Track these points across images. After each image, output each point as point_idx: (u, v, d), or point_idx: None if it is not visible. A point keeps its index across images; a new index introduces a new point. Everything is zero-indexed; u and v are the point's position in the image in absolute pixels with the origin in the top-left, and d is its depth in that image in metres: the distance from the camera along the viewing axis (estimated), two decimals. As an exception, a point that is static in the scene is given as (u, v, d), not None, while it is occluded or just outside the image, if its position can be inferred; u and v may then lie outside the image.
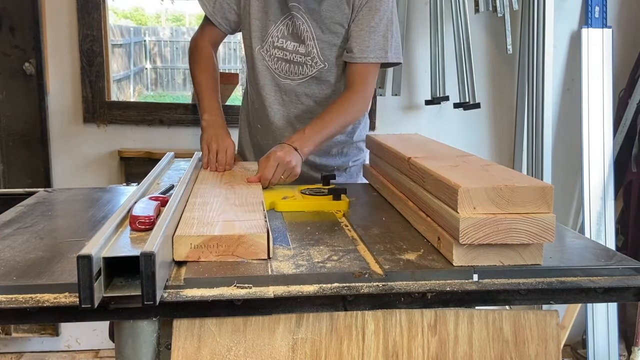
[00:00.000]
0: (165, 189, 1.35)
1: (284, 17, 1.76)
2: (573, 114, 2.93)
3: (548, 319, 1.07)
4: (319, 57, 1.76)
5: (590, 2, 2.86)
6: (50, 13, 2.73)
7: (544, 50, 2.76)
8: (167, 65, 12.79)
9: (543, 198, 1.01)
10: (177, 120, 2.87)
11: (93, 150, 2.84)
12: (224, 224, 1.12)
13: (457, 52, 2.74)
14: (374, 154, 1.71)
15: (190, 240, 1.04)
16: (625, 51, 2.93)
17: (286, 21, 1.76)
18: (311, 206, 1.43)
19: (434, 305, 1.01)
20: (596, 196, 2.80)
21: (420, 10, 2.85)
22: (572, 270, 1.05)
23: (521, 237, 1.01)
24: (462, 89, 2.75)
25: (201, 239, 1.04)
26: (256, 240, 1.06)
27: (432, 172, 1.16)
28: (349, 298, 0.98)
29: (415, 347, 1.04)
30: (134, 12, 15.95)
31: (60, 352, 2.90)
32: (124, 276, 0.93)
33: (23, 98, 2.74)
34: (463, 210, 1.00)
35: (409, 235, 1.22)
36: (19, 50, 2.71)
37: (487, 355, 1.05)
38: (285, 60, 1.78)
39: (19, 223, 1.28)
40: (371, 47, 1.72)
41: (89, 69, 2.78)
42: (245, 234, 1.06)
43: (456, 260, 1.03)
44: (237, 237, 1.05)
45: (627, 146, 2.86)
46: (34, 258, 1.05)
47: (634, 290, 1.04)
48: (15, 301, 0.91)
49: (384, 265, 1.03)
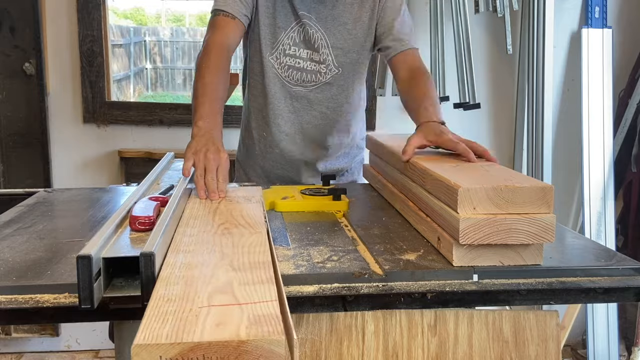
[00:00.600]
0: (164, 189, 1.35)
1: (294, 24, 1.71)
2: (573, 114, 2.93)
3: (548, 319, 1.07)
4: (334, 64, 1.74)
5: (590, 3, 2.86)
6: (50, 13, 2.73)
7: (544, 50, 2.76)
8: (167, 66, 12.79)
9: (543, 198, 1.01)
10: (177, 121, 2.87)
11: (93, 151, 2.84)
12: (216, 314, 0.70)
13: (457, 53, 2.74)
14: (374, 154, 1.71)
15: (159, 351, 0.63)
16: (625, 51, 2.93)
17: (297, 28, 1.70)
18: (311, 206, 1.43)
19: (433, 306, 1.01)
20: (596, 196, 2.80)
21: (420, 10, 2.85)
22: (572, 271, 1.05)
23: (521, 238, 1.01)
24: (462, 89, 2.75)
25: (177, 348, 0.63)
26: (267, 349, 0.64)
27: (432, 172, 1.16)
28: (348, 298, 0.98)
29: (415, 347, 1.04)
30: (134, 12, 15.94)
31: (60, 352, 2.90)
32: (124, 276, 0.93)
33: (23, 98, 2.74)
34: (463, 211, 1.00)
35: (409, 236, 1.22)
36: (19, 51, 2.71)
37: (487, 355, 1.05)
38: (296, 69, 1.73)
39: (18, 223, 1.28)
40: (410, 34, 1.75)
41: (89, 69, 2.78)
42: (249, 340, 0.64)
43: (456, 261, 1.03)
44: (235, 344, 0.64)
45: (627, 146, 2.86)
46: (34, 258, 1.05)
47: (634, 291, 1.04)
48: (15, 301, 0.91)
49: (384, 266, 1.03)
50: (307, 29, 1.70)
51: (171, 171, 1.64)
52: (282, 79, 1.75)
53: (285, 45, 1.72)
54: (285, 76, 1.74)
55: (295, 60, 1.73)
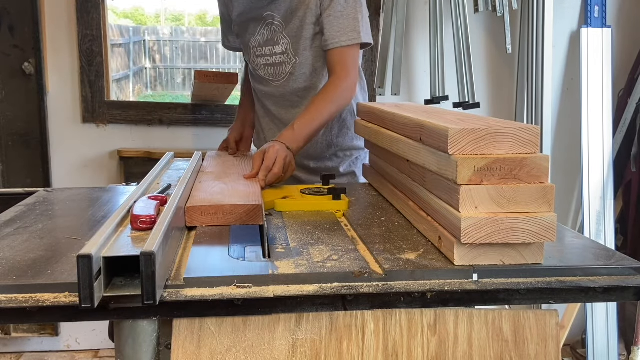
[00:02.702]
0: (163, 188, 1.35)
1: (259, 28, 1.86)
2: (572, 113, 2.93)
3: (548, 318, 1.07)
4: (292, 52, 1.81)
5: (590, 2, 2.86)
6: (50, 13, 2.73)
7: (543, 50, 2.76)
8: (166, 65, 12.78)
9: (544, 197, 1.01)
10: (177, 120, 2.87)
11: (92, 150, 2.84)
12: None
13: (457, 52, 2.74)
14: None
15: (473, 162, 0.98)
16: (624, 51, 2.94)
17: (261, 31, 1.85)
18: (311, 206, 1.43)
19: (433, 305, 1.01)
20: (596, 196, 2.80)
21: (420, 10, 2.85)
22: (571, 270, 1.05)
23: (522, 237, 1.01)
24: (461, 89, 2.75)
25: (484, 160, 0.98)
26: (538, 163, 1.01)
27: (433, 170, 1.16)
28: (348, 298, 0.98)
29: (415, 346, 1.04)
30: (133, 11, 15.94)
31: (59, 352, 2.90)
32: (124, 276, 0.93)
33: (22, 98, 2.74)
34: (465, 210, 1.00)
35: (409, 235, 1.22)
36: (18, 50, 2.71)
37: (486, 354, 1.05)
38: (269, 65, 1.88)
39: (18, 223, 1.27)
40: (342, 30, 1.73)
41: (89, 69, 2.78)
42: None
43: (457, 260, 1.03)
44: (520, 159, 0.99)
45: (627, 146, 2.86)
46: (34, 258, 1.05)
47: (633, 290, 1.04)
48: (15, 301, 0.91)
49: (384, 265, 1.03)
50: (271, 27, 1.84)
51: (171, 171, 1.64)
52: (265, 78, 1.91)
53: (254, 49, 1.90)
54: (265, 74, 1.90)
55: (265, 59, 1.88)
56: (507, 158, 1.00)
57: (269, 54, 1.86)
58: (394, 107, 1.56)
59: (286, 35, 1.82)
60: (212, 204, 1.23)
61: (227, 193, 1.35)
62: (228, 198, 1.29)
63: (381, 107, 1.56)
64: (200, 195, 1.32)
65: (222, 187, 1.41)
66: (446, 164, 1.03)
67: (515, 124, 1.08)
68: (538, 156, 1.01)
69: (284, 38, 1.82)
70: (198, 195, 1.32)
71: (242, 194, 1.33)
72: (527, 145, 1.01)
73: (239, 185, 1.42)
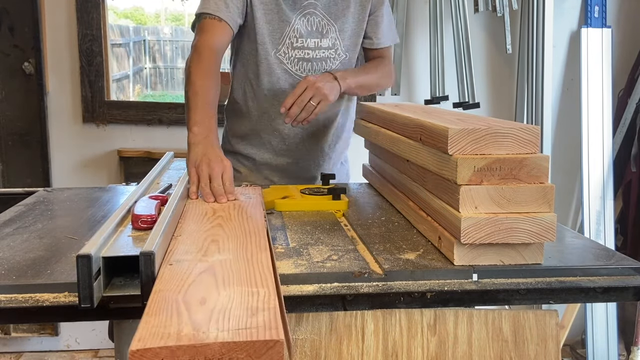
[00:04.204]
0: (163, 188, 1.35)
1: (298, 16, 1.70)
2: (572, 113, 2.93)
3: (547, 318, 1.07)
4: (342, 49, 1.76)
5: (590, 2, 2.86)
6: (50, 12, 2.73)
7: (543, 49, 2.76)
8: (166, 65, 12.78)
9: (544, 197, 1.01)
10: (177, 120, 2.87)
11: (92, 150, 2.84)
12: None
13: (457, 52, 2.74)
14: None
15: None
16: (624, 51, 2.94)
17: (301, 19, 1.70)
18: (311, 206, 1.43)
19: (433, 305, 1.01)
20: (595, 196, 2.80)
21: (420, 10, 2.85)
22: (571, 270, 1.06)
23: (522, 237, 1.01)
24: (461, 89, 2.75)
25: None
26: None
27: (433, 170, 1.16)
28: (348, 298, 0.98)
29: (415, 346, 1.04)
30: (133, 11, 15.94)
31: (59, 352, 2.90)
32: (124, 276, 0.93)
33: (22, 97, 2.74)
34: (464, 210, 1.00)
35: (409, 235, 1.22)
36: (18, 50, 2.71)
37: (486, 354, 1.05)
38: (305, 60, 1.72)
39: (18, 222, 1.27)
40: (392, 29, 1.85)
41: (89, 69, 2.78)
42: None
43: (457, 260, 1.03)
44: None
45: (627, 146, 2.86)
46: (34, 257, 1.05)
47: (633, 290, 1.04)
48: (14, 301, 0.91)
49: (384, 265, 1.03)
50: (312, 17, 1.72)
51: (171, 170, 1.64)
52: (292, 74, 1.73)
53: (292, 39, 1.70)
54: (296, 70, 1.73)
55: (304, 52, 1.72)
56: (507, 158, 1.00)
57: (313, 47, 1.71)
58: (394, 107, 1.56)
59: (336, 29, 1.73)
60: (181, 344, 0.62)
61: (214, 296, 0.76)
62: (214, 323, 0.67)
63: (381, 107, 1.56)
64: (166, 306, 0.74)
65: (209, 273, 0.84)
66: (446, 164, 1.04)
67: (515, 124, 1.08)
68: (538, 156, 1.01)
69: (333, 32, 1.73)
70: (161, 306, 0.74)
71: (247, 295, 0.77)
72: (527, 145, 1.02)
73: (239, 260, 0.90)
